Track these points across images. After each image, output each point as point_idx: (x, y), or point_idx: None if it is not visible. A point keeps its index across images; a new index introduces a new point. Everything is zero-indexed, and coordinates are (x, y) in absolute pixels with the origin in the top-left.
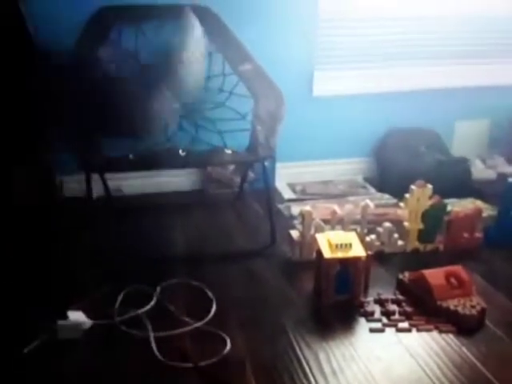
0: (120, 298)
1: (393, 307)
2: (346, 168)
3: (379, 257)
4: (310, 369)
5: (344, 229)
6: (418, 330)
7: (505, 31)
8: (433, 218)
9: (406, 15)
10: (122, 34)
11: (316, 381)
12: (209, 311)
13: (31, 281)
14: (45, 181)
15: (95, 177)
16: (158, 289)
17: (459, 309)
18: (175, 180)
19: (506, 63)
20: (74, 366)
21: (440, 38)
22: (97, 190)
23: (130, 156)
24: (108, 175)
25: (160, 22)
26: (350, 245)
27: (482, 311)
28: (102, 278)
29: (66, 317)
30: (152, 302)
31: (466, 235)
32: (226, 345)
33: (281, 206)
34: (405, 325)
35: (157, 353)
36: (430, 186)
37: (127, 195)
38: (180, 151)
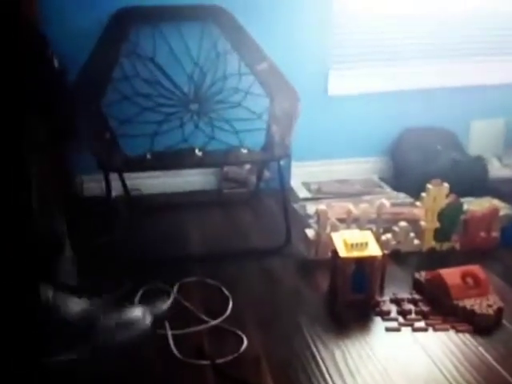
0: (138, 295)
1: (409, 306)
2: (362, 167)
3: (395, 256)
4: (327, 368)
5: (360, 228)
6: (435, 330)
7: None
8: (449, 217)
9: (421, 13)
10: (141, 35)
11: (332, 380)
12: (225, 309)
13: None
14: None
15: (114, 176)
16: (176, 287)
17: (476, 308)
18: (192, 179)
19: None
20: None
21: (456, 37)
22: (116, 189)
23: (148, 156)
24: (126, 174)
25: (177, 23)
26: (366, 244)
27: (499, 310)
28: (121, 277)
29: None
30: (170, 300)
31: (482, 234)
32: (242, 343)
33: (296, 205)
34: (421, 324)
35: (174, 350)
36: (446, 185)
37: (145, 194)
38: (196, 151)
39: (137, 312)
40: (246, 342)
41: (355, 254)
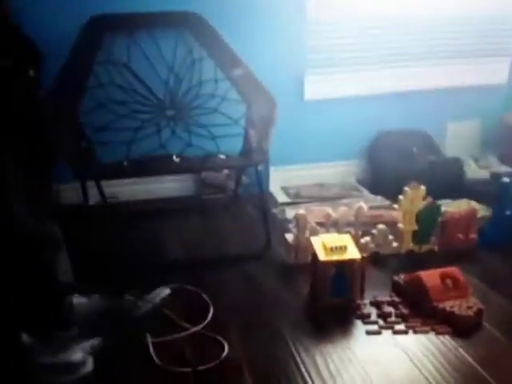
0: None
1: (389, 309)
2: (339, 170)
3: (374, 259)
4: (308, 372)
5: (338, 231)
6: (415, 332)
7: (495, 30)
8: (427, 220)
9: (395, 17)
10: (115, 42)
11: None
12: (206, 316)
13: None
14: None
15: (92, 183)
16: None
17: (455, 310)
18: (170, 186)
19: (494, 62)
20: None
21: (430, 39)
22: (93, 196)
23: (125, 163)
24: (104, 182)
25: (152, 30)
26: (345, 247)
27: (479, 312)
28: (99, 285)
29: None
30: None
31: (460, 236)
32: (223, 349)
33: (275, 210)
34: (401, 327)
35: (155, 358)
36: (423, 188)
37: (123, 201)
38: (174, 157)
39: (78, 355)
40: (227, 349)
41: (335, 257)
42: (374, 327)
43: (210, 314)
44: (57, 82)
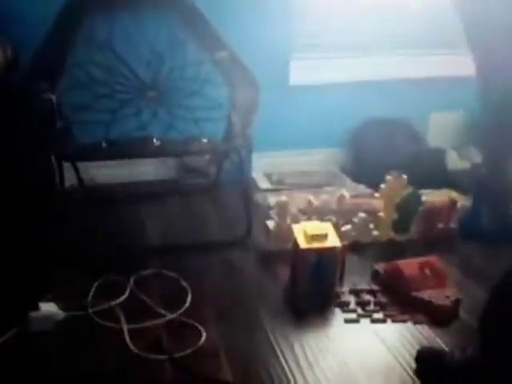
0: (93, 289)
1: (368, 297)
2: (322, 158)
3: (354, 247)
4: (286, 360)
5: (320, 219)
6: (393, 321)
7: None
8: (408, 209)
9: (383, 5)
10: (96, 22)
11: (292, 372)
12: (184, 302)
13: (2, 272)
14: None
15: (68, 164)
16: (132, 279)
17: (433, 299)
18: (149, 169)
19: None
20: (46, 357)
21: (416, 29)
22: (69, 179)
23: (103, 144)
24: (81, 163)
25: (135, 9)
26: (326, 235)
27: (457, 302)
28: (75, 269)
29: (38, 308)
30: (126, 293)
31: (440, 226)
32: (201, 336)
33: (257, 196)
34: (379, 315)
35: (130, 344)
36: (404, 177)
37: (100, 184)
38: (154, 140)
39: None
40: (204, 336)
41: (315, 245)
42: (353, 315)
43: (189, 301)
44: (34, 60)
